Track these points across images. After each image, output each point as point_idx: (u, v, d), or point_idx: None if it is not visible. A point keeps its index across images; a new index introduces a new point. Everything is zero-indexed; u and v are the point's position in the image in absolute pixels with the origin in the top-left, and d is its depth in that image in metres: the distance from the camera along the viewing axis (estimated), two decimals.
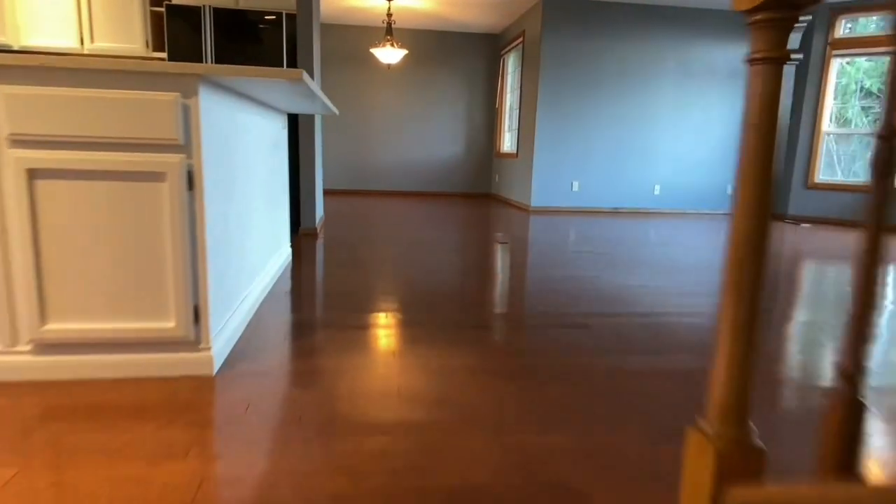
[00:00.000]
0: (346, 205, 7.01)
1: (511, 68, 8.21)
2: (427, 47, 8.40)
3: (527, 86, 7.15)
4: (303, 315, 2.38)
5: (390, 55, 6.95)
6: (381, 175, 8.67)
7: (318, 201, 4.76)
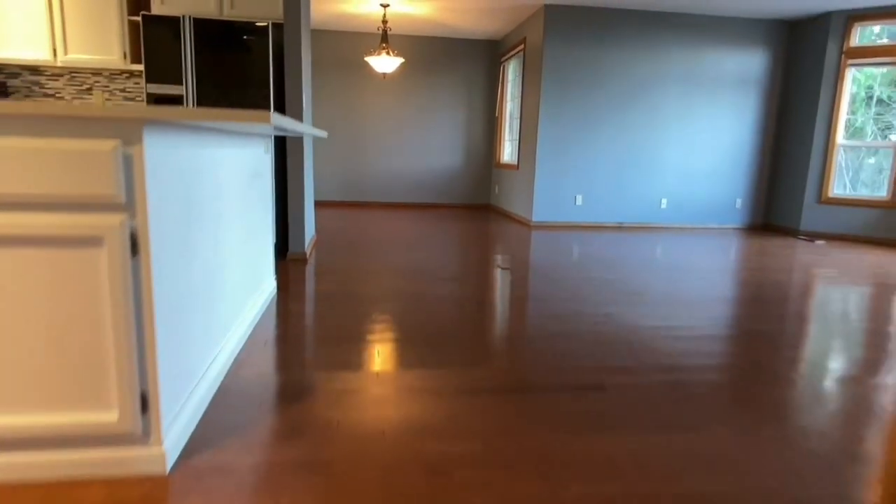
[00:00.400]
0: (340, 219, 6.72)
1: (511, 76, 7.92)
2: (424, 53, 8.11)
3: (528, 95, 6.86)
4: (284, 375, 2.10)
5: (386, 64, 6.66)
6: (377, 186, 8.37)
7: (309, 222, 4.47)
